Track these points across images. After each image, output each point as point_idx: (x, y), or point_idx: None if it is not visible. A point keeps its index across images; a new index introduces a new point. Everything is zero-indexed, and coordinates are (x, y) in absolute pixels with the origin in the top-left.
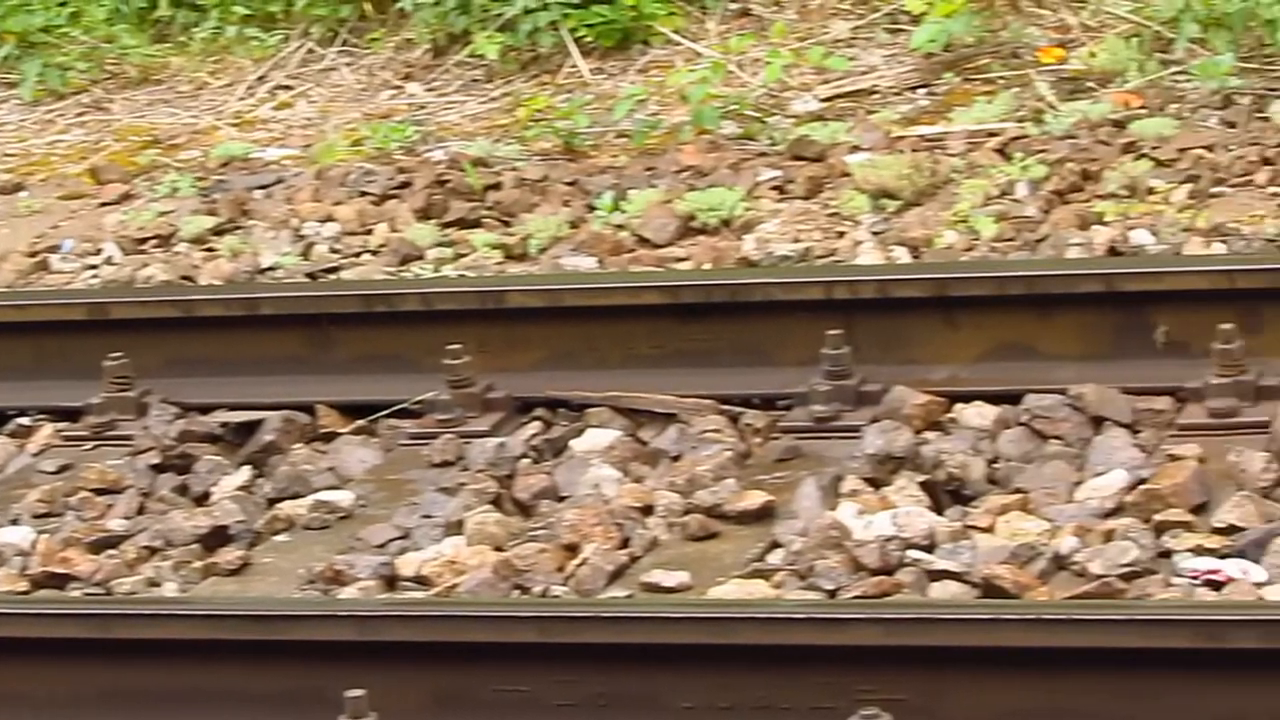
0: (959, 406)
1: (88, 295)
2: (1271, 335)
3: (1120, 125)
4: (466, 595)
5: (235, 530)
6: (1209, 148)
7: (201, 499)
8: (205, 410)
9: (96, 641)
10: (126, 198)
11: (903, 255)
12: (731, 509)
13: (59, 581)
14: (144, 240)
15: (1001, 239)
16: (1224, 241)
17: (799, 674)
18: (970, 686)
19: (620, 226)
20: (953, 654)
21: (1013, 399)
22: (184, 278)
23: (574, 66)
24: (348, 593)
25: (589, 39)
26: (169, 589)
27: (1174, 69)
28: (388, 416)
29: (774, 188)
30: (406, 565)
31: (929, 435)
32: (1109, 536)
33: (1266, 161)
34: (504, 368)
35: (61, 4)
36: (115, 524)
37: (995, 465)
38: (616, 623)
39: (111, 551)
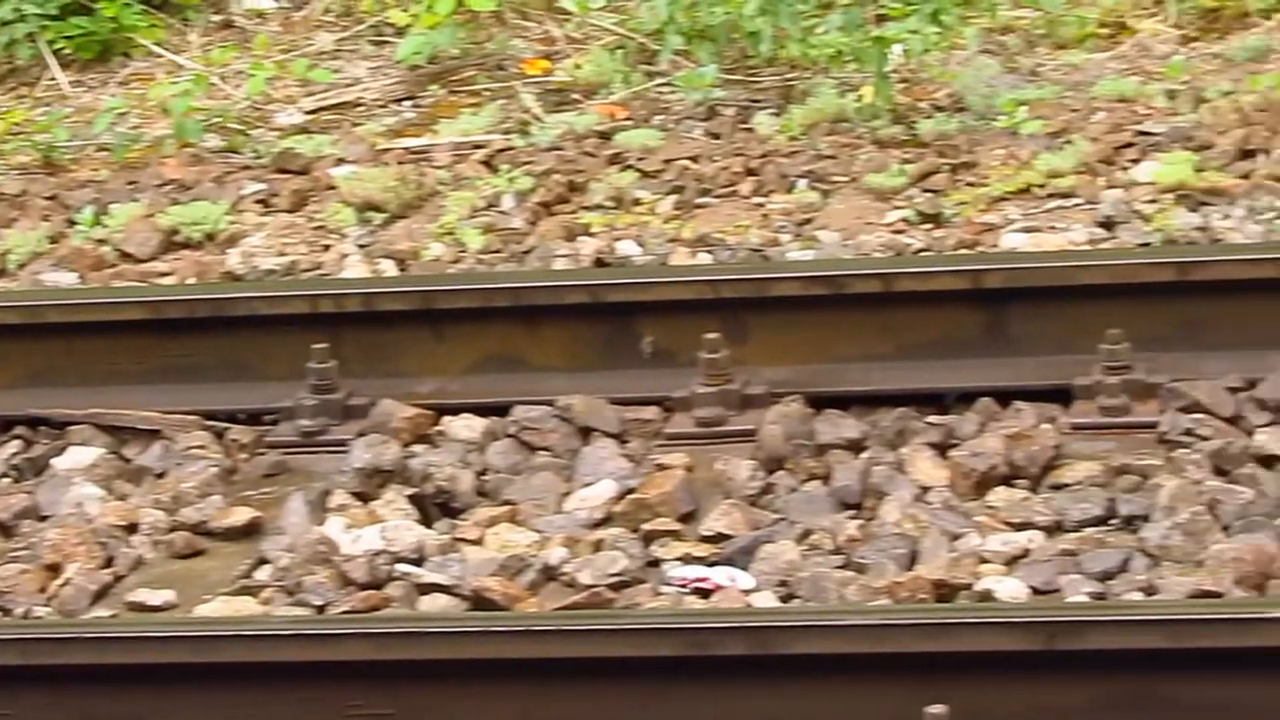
0: (447, 419)
1: None
2: (756, 344)
3: (606, 137)
4: None
5: None
6: (694, 159)
7: None
8: None
9: None
10: None
11: (389, 268)
12: (218, 525)
13: None
14: None
15: (489, 251)
16: (709, 251)
17: (288, 691)
18: (461, 699)
19: (102, 241)
20: (443, 667)
21: (501, 411)
22: None
23: (53, 79)
24: None
25: (68, 51)
26: None
27: (659, 81)
28: None
29: (259, 201)
30: None
31: (417, 448)
32: (598, 546)
33: (750, 172)
34: None
35: None
36: None
37: (484, 477)
38: (100, 643)
39: None
